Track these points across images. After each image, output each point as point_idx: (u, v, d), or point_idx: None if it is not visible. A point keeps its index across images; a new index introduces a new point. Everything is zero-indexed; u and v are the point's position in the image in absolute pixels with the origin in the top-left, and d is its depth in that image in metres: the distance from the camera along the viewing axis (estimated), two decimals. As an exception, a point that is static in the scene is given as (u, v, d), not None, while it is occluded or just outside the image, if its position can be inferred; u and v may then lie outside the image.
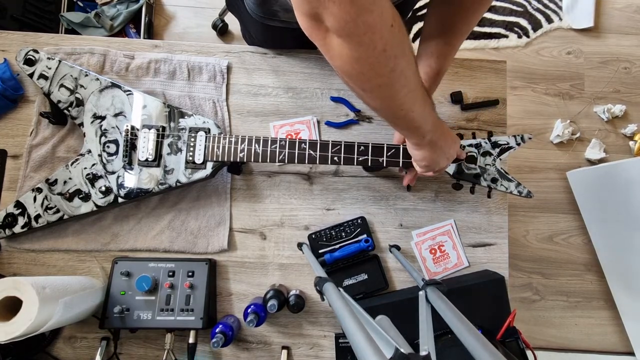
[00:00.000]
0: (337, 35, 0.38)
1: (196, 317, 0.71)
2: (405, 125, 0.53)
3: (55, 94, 0.73)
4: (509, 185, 0.70)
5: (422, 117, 0.50)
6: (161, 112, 0.73)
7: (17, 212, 0.72)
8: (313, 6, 0.37)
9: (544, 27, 1.74)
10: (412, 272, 0.64)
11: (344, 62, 0.41)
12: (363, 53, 0.39)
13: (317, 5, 0.36)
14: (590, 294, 1.60)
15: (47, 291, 0.59)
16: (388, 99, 0.46)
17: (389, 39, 0.38)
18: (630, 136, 1.67)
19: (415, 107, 0.48)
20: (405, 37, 0.41)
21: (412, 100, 0.47)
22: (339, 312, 0.43)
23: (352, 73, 0.42)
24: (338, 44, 0.39)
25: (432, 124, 0.53)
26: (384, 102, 0.47)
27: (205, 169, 0.72)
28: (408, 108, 0.48)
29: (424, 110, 0.50)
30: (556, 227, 1.62)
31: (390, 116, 0.52)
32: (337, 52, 0.40)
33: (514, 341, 0.71)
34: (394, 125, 0.55)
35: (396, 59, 0.41)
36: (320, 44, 0.41)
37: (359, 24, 0.36)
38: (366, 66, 0.41)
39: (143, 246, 0.76)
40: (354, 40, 0.38)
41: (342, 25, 0.37)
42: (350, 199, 0.80)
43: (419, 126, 0.52)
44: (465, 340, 0.40)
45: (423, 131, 0.53)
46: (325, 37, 0.40)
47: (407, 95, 0.46)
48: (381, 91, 0.44)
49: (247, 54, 0.83)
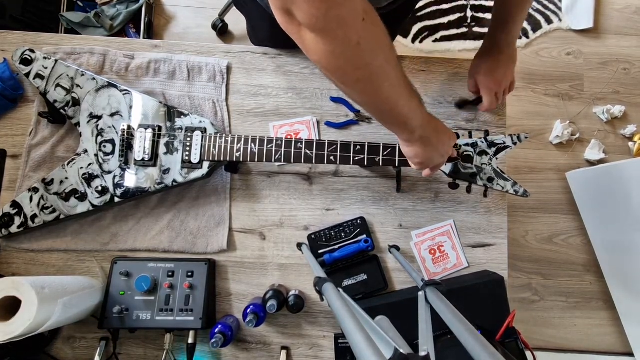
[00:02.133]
0: (309, 30, 0.38)
1: (195, 317, 0.71)
2: (391, 120, 0.53)
3: (51, 94, 0.73)
4: (505, 185, 0.71)
5: (408, 112, 0.50)
6: (157, 111, 0.73)
7: (14, 212, 0.72)
8: (283, 2, 0.37)
9: (544, 27, 1.74)
10: (411, 272, 0.64)
11: (319, 56, 0.41)
12: (337, 47, 0.39)
13: (286, 1, 0.37)
14: (589, 295, 1.60)
15: (46, 291, 0.59)
16: (370, 94, 0.46)
17: (363, 33, 0.38)
18: (629, 137, 1.67)
19: (400, 102, 0.48)
20: (379, 31, 0.41)
21: (396, 95, 0.47)
22: (338, 312, 0.43)
23: (329, 67, 0.42)
24: (312, 39, 0.39)
25: (421, 119, 0.53)
26: (366, 96, 0.47)
27: (201, 168, 0.72)
28: (393, 103, 0.47)
29: (410, 105, 0.49)
30: (555, 227, 1.62)
31: (375, 111, 0.52)
32: (312, 47, 0.40)
33: (514, 342, 0.71)
34: (381, 120, 0.55)
35: (372, 53, 0.41)
36: (296, 38, 0.41)
37: (330, 18, 0.36)
38: (342, 60, 0.41)
39: (142, 246, 0.76)
40: (327, 35, 0.38)
41: (313, 20, 0.37)
42: (349, 200, 0.80)
43: (405, 121, 0.52)
44: (465, 340, 0.40)
45: (411, 127, 0.53)
46: (299, 32, 0.40)
47: (390, 89, 0.45)
48: (361, 85, 0.44)
49: (247, 54, 0.83)
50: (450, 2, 1.74)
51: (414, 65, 0.85)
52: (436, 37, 1.72)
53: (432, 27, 1.73)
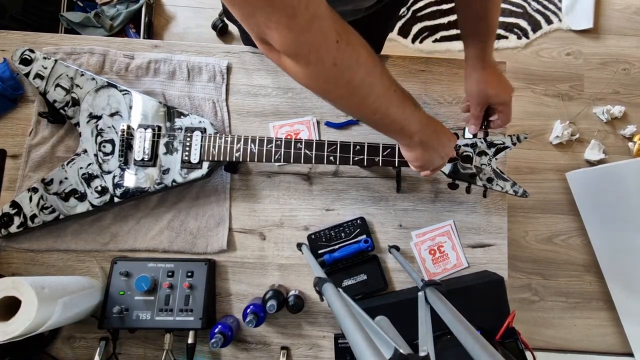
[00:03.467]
0: (286, 55, 0.40)
1: (195, 317, 0.71)
2: (386, 128, 0.53)
3: (51, 94, 0.73)
4: (505, 185, 0.71)
5: (402, 119, 0.50)
6: (157, 111, 0.73)
7: (13, 212, 0.72)
8: (257, 32, 0.38)
9: (544, 28, 1.74)
10: (411, 272, 0.64)
11: (300, 78, 0.42)
12: (313, 70, 0.40)
13: (259, 31, 0.38)
14: (589, 295, 1.60)
15: (46, 291, 0.59)
16: (356, 108, 0.47)
17: (337, 54, 0.39)
18: (629, 137, 1.68)
19: (390, 111, 0.48)
20: (356, 48, 0.41)
21: (385, 104, 0.47)
22: (338, 312, 0.42)
23: (311, 88, 0.44)
24: (290, 64, 0.40)
25: (418, 123, 0.52)
26: (354, 109, 0.48)
27: (201, 168, 0.72)
28: (383, 112, 0.47)
29: (403, 112, 0.49)
30: (555, 228, 1.62)
31: (367, 121, 0.52)
32: (292, 71, 0.41)
33: (513, 342, 0.71)
34: (376, 129, 0.55)
35: (351, 70, 0.41)
36: (278, 64, 0.42)
37: (300, 44, 0.37)
38: (321, 81, 0.42)
39: (142, 246, 0.76)
40: (301, 60, 0.39)
41: (285, 47, 0.38)
42: (349, 200, 0.80)
43: (401, 128, 0.52)
44: (465, 341, 0.40)
45: (409, 132, 0.53)
46: (279, 59, 0.41)
47: (377, 101, 0.46)
48: (345, 101, 0.45)
49: (247, 54, 0.83)
50: (451, 2, 1.74)
51: (414, 65, 0.85)
52: (436, 37, 1.72)
53: (432, 27, 1.73)
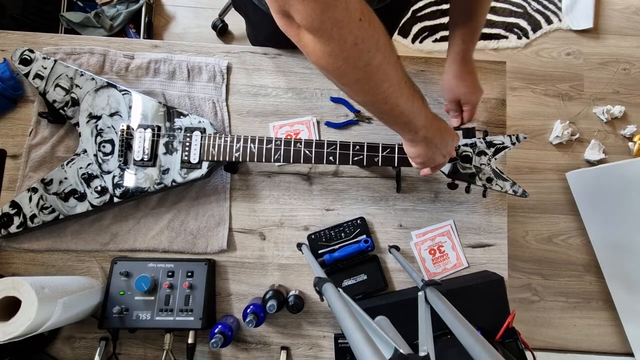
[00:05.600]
0: (307, 31, 0.39)
1: (195, 317, 0.71)
2: (393, 120, 0.53)
3: (50, 94, 0.73)
4: (504, 185, 0.71)
5: (410, 112, 0.50)
6: (157, 111, 0.73)
7: (13, 212, 0.72)
8: (280, 4, 0.38)
9: (544, 28, 1.74)
10: (411, 272, 0.64)
11: (318, 57, 0.41)
12: (335, 48, 0.39)
13: (283, 3, 0.37)
14: (589, 295, 1.60)
15: (46, 291, 0.59)
16: (369, 93, 0.46)
17: (359, 33, 0.39)
18: (629, 137, 1.68)
19: (400, 102, 0.48)
20: (377, 31, 0.41)
21: (397, 94, 0.47)
22: (338, 312, 0.42)
23: (328, 68, 0.43)
24: (310, 40, 0.40)
25: (424, 119, 0.53)
26: (367, 96, 0.47)
27: (200, 168, 0.72)
28: (393, 102, 0.47)
29: (412, 105, 0.49)
30: (555, 228, 1.63)
31: (376, 111, 0.52)
32: (311, 48, 0.41)
33: (513, 342, 0.71)
34: (383, 120, 0.55)
35: (370, 53, 0.41)
36: (295, 40, 0.42)
37: (325, 19, 0.37)
38: (340, 60, 0.41)
39: (142, 246, 0.76)
40: (323, 36, 0.39)
41: (309, 21, 0.37)
42: (349, 200, 0.80)
43: (408, 121, 0.52)
44: (465, 340, 0.40)
45: (415, 127, 0.53)
46: (298, 34, 0.40)
47: (389, 89, 0.45)
48: (360, 85, 0.45)
49: (247, 54, 0.83)
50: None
51: (414, 65, 0.85)
52: (436, 37, 1.72)
53: (432, 27, 1.73)
